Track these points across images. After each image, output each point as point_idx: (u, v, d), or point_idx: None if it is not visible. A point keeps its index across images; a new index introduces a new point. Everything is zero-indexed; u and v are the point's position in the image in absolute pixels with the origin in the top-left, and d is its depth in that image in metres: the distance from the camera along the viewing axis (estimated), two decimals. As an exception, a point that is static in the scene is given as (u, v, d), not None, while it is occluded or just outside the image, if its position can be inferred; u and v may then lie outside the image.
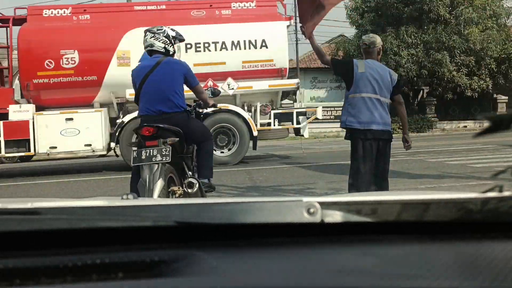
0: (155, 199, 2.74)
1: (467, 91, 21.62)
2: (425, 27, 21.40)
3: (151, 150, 3.52)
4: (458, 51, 20.90)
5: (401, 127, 4.60)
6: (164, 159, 3.51)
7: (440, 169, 7.28)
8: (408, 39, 20.85)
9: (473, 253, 0.67)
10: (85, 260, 0.65)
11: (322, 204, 0.72)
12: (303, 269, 0.65)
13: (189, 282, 0.62)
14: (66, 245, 0.69)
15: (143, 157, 3.51)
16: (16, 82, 9.84)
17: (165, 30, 4.00)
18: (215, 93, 4.61)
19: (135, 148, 3.68)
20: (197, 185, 3.71)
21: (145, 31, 4.04)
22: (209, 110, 4.58)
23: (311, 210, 0.71)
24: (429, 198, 0.75)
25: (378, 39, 4.16)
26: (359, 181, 4.08)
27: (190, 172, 4.06)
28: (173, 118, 3.83)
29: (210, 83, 8.54)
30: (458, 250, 0.69)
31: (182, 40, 4.23)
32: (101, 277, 0.64)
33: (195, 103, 4.36)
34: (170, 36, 4.00)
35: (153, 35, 3.94)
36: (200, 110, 4.40)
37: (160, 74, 3.87)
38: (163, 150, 3.52)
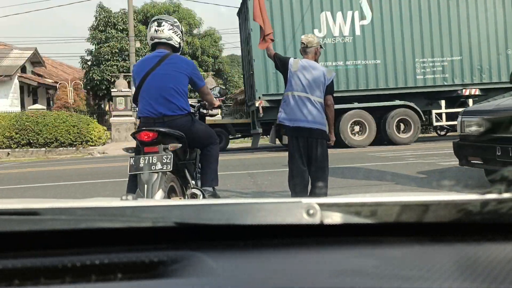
0: (155, 200, 2.62)
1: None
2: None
3: (151, 157, 3.17)
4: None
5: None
6: (165, 168, 3.16)
7: (453, 173, 7.16)
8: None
9: (473, 255, 0.67)
10: (84, 261, 0.66)
11: (322, 205, 0.71)
12: (302, 270, 0.65)
13: (188, 282, 0.62)
14: (65, 245, 0.70)
15: (141, 164, 3.15)
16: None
17: (179, 24, 3.64)
18: (222, 93, 4.31)
19: (132, 155, 3.32)
20: (201, 197, 3.44)
21: (160, 20, 3.58)
22: (214, 111, 4.14)
23: (311, 211, 0.71)
24: (429, 200, 0.75)
25: (315, 40, 4.26)
26: (293, 176, 4.21)
27: (193, 181, 3.73)
28: (176, 121, 3.47)
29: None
30: (457, 251, 0.69)
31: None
32: (100, 277, 0.65)
33: (199, 104, 4.02)
34: (183, 31, 3.68)
35: (171, 26, 3.55)
36: (204, 111, 4.05)
37: (163, 72, 3.49)
38: (164, 157, 3.17)
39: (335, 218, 0.71)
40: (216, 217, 0.72)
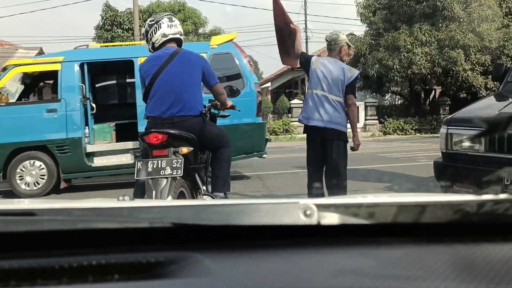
0: (152, 200, 2.51)
1: (482, 91, 21.33)
2: (439, 25, 21.16)
3: (159, 162, 2.97)
4: (474, 50, 20.60)
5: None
6: (174, 173, 2.95)
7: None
8: (421, 36, 20.63)
9: (470, 255, 0.67)
10: (81, 262, 0.66)
11: (319, 206, 0.72)
12: (300, 270, 0.65)
13: (186, 283, 0.62)
14: (62, 246, 0.70)
15: (150, 169, 2.95)
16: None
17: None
18: (234, 92, 4.03)
19: (139, 158, 3.13)
20: None
21: (170, 16, 3.44)
22: (226, 112, 3.91)
23: (308, 212, 0.71)
24: (426, 201, 0.75)
25: (340, 37, 4.12)
26: (308, 176, 4.16)
27: (204, 187, 3.53)
28: (186, 122, 3.24)
29: None
30: (455, 251, 0.69)
31: None
32: (97, 278, 0.65)
33: (209, 104, 3.77)
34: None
35: (178, 22, 3.44)
36: (216, 112, 3.82)
37: (175, 69, 3.26)
38: (173, 161, 2.97)
39: (332, 218, 0.71)
40: (213, 217, 0.72)
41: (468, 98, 22.45)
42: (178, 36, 3.42)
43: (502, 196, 0.72)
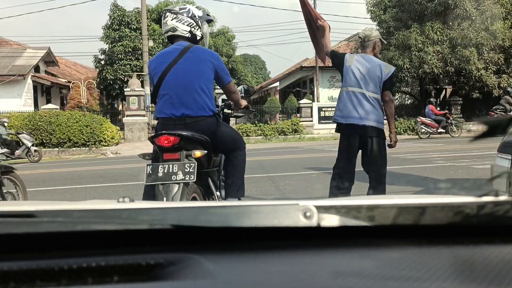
0: (151, 202, 2.38)
1: (495, 90, 21.08)
2: (451, 23, 20.95)
3: (171, 166, 2.80)
4: (486, 48, 20.35)
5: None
6: (187, 178, 2.78)
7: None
8: (433, 35, 20.43)
9: (470, 257, 0.67)
10: (81, 263, 0.66)
11: (319, 207, 0.72)
12: (300, 272, 0.65)
13: (185, 285, 0.63)
14: (62, 248, 0.70)
15: (160, 174, 2.78)
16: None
17: (189, 9, 3.19)
18: (249, 91, 3.87)
19: (149, 162, 2.97)
20: None
21: (165, 11, 3.20)
22: (239, 112, 3.76)
23: (308, 214, 0.71)
24: (426, 202, 0.75)
25: (373, 33, 4.07)
26: (335, 177, 4.04)
27: (218, 193, 3.35)
28: (199, 123, 3.05)
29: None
30: (455, 253, 0.69)
31: (210, 20, 3.38)
32: (97, 280, 0.65)
33: (223, 104, 3.64)
34: (197, 17, 3.20)
35: (175, 16, 3.15)
36: (229, 112, 3.65)
37: (185, 66, 3.07)
38: (186, 165, 2.80)
39: (332, 220, 0.71)
40: (213, 219, 0.72)
41: (480, 98, 22.26)
42: (170, 33, 3.19)
43: (502, 198, 0.72)
